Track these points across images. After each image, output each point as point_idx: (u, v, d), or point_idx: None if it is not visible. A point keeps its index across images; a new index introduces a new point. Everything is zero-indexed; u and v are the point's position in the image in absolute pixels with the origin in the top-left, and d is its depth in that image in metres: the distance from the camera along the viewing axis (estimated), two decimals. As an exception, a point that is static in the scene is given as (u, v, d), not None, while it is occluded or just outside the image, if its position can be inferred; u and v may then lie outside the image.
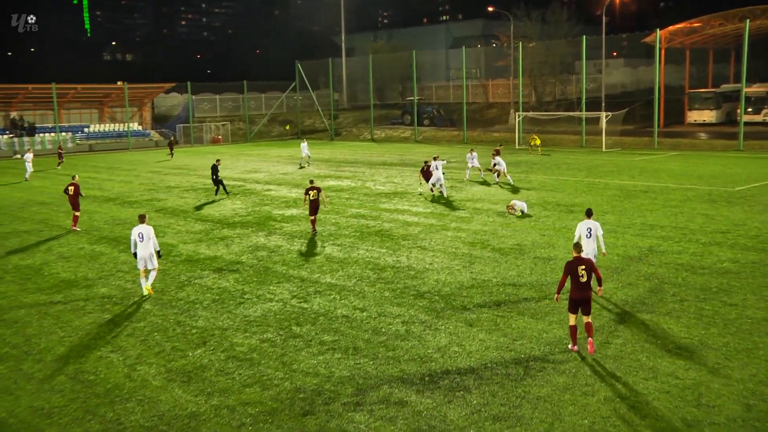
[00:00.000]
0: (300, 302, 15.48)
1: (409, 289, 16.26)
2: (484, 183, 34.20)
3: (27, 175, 41.41)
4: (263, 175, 40.84)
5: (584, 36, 55.99)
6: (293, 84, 79.84)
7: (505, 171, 33.17)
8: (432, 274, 17.46)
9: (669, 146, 51.51)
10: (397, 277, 17.28)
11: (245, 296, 16.05)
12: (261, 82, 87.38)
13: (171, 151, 56.24)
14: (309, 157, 46.38)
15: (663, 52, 58.03)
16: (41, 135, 65.58)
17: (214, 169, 32.81)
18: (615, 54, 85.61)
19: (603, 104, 59.40)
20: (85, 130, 69.23)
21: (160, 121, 78.79)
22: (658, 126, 53.61)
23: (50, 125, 67.57)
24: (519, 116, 57.81)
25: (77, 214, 24.92)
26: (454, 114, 77.13)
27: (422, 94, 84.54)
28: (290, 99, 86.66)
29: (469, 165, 36.25)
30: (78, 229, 24.77)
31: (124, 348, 13.00)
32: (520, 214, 24.94)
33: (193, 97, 76.55)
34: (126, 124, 70.21)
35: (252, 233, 23.47)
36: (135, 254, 16.02)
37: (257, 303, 15.50)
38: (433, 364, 11.85)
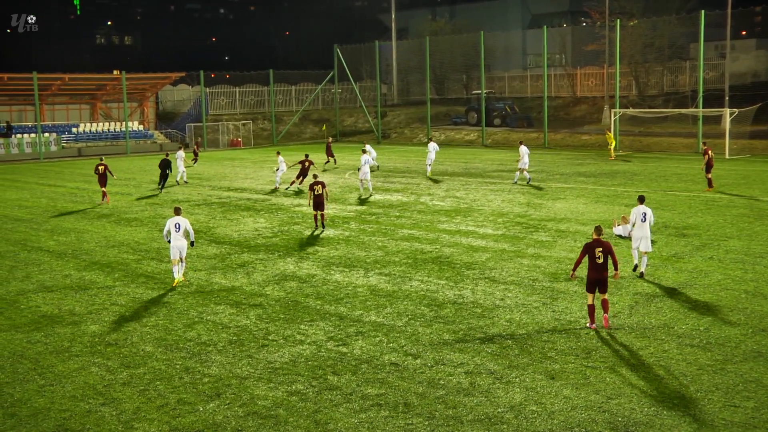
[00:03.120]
0: (338, 345, 15.59)
1: (475, 330, 16.23)
2: (564, 198, 34.00)
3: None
4: (294, 187, 41.29)
5: (703, 11, 55.30)
6: (331, 74, 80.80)
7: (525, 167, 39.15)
8: (503, 313, 17.40)
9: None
10: (459, 316, 17.28)
11: (269, 337, 16.24)
12: (291, 72, 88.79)
13: (195, 156, 57.68)
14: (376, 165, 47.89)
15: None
16: (18, 136, 67.22)
17: (167, 164, 40.62)
18: (744, 33, 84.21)
19: (726, 98, 58.44)
20: (73, 130, 71.21)
21: (165, 119, 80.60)
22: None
23: (30, 124, 69.64)
24: (616, 114, 57.32)
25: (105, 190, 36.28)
26: (532, 111, 76.90)
27: (492, 86, 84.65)
28: (327, 92, 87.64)
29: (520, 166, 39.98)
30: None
31: (119, 400, 13.27)
32: (624, 236, 24.68)
33: (207, 89, 78.06)
34: (124, 123, 71.91)
35: (279, 259, 23.74)
36: (169, 241, 20.67)
37: (284, 346, 15.67)
38: (505, 426, 11.80)
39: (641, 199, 20.56)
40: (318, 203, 27.74)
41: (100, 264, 23.75)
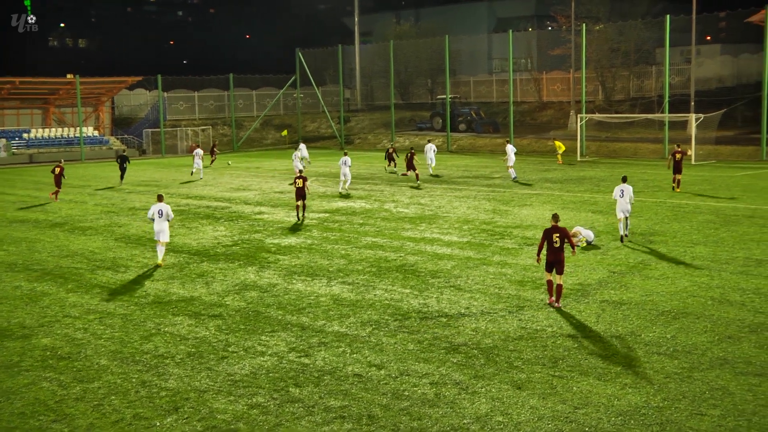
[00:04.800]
0: (300, 357, 15.53)
1: (440, 340, 16.26)
2: (530, 205, 34.23)
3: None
4: (254, 194, 41.17)
5: (668, 15, 56.15)
6: (293, 78, 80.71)
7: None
8: (469, 322, 17.46)
9: (781, 158, 51.28)
10: (424, 326, 17.30)
11: (229, 349, 16.14)
12: (252, 76, 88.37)
13: (213, 157, 60.12)
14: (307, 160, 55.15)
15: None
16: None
17: (124, 159, 47.24)
18: (709, 38, 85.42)
19: (692, 104, 59.29)
20: (25, 135, 70.38)
21: (122, 124, 79.91)
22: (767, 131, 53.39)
23: (-22, 130, 68.75)
24: (582, 119, 57.87)
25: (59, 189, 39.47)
26: (498, 116, 77.37)
27: (457, 91, 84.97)
28: (289, 97, 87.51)
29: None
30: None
31: (72, 416, 13.09)
32: (585, 244, 24.92)
33: (165, 94, 77.58)
34: (78, 128, 71.21)
35: (239, 268, 23.62)
36: (152, 220, 24.16)
37: (245, 358, 15.58)
38: (471, 437, 11.81)
39: (624, 179, 26.12)
40: (299, 195, 31.73)
41: (52, 274, 23.45)
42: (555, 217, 18.72)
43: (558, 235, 18.31)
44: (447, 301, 19.26)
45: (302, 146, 56.03)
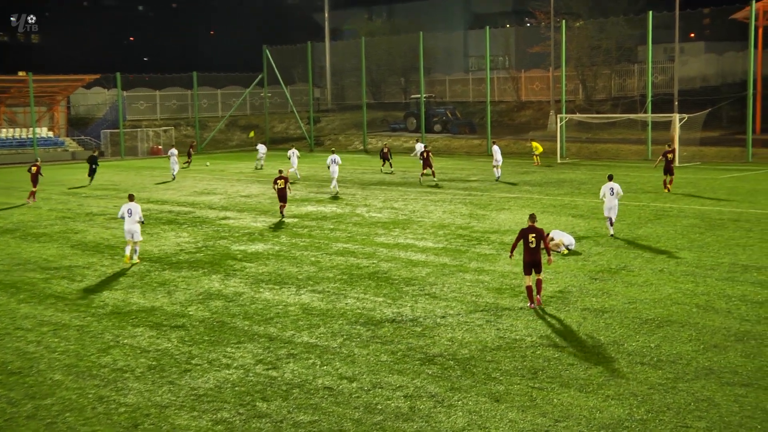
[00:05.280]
0: (267, 369, 15.46)
1: (414, 351, 16.25)
2: (508, 209, 34.36)
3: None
4: (219, 199, 41.00)
5: (650, 12, 56.59)
6: (260, 76, 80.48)
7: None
8: (445, 331, 17.47)
9: (769, 159, 51.80)
10: (397, 336, 17.28)
11: (193, 362, 16.03)
12: (216, 74, 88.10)
13: (189, 158, 60.59)
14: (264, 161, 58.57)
15: (761, 31, 58.37)
16: None
17: (93, 160, 49.51)
18: (693, 35, 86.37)
19: (676, 103, 59.84)
20: (-28, 137, 69.57)
21: (78, 125, 79.20)
22: (753, 132, 53.90)
23: None
24: (562, 119, 58.21)
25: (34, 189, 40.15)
26: (474, 117, 77.66)
27: (432, 90, 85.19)
28: (256, 96, 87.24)
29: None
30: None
31: (27, 432, 12.94)
32: (567, 252, 25.01)
33: (125, 93, 77.10)
34: (31, 129, 70.51)
35: (203, 276, 23.50)
36: (122, 217, 25.28)
37: (209, 371, 15.48)
38: (447, 453, 11.80)
39: (610, 177, 27.87)
40: (281, 196, 33.40)
41: (2, 284, 23.18)
42: (532, 217, 19.37)
43: (534, 235, 18.90)
44: (422, 309, 19.26)
45: (261, 146, 59.77)
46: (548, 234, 25.77)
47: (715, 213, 32.01)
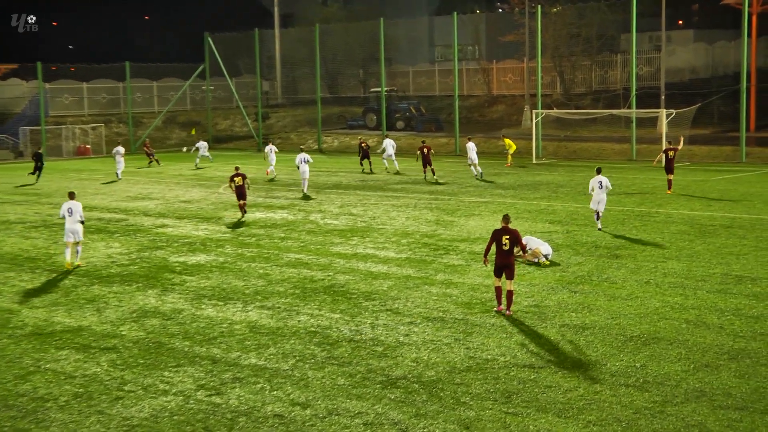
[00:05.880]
0: (210, 395, 15.36)
1: (375, 373, 16.23)
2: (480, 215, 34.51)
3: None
4: (155, 204, 40.71)
5: (634, -4, 57.08)
6: (201, 67, 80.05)
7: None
8: (409, 351, 17.46)
9: (765, 159, 52.42)
10: (356, 356, 17.26)
11: (125, 388, 15.88)
12: (152, 65, 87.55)
13: (150, 157, 61.82)
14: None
15: (754, 19, 59.06)
16: None
17: (38, 157, 51.64)
18: (681, 23, 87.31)
19: (663, 97, 60.47)
20: None
21: (-7, 121, 78.26)
22: (747, 130, 54.50)
23: None
24: (538, 115, 58.50)
25: None
26: (441, 112, 77.91)
27: (394, 83, 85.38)
28: (197, 90, 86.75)
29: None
30: None
31: (-64, 469, 12.74)
32: (548, 263, 25.09)
33: (47, 85, 76.25)
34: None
35: (137, 291, 23.30)
36: (63, 217, 26.08)
37: (144, 398, 15.34)
38: (412, 487, 11.80)
39: (598, 171, 30.66)
40: (239, 194, 34.82)
41: None
42: (505, 218, 20.02)
43: (508, 237, 19.58)
44: (383, 327, 19.25)
45: (202, 144, 61.50)
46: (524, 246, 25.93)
47: (705, 218, 32.36)
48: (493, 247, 19.87)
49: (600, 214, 29.94)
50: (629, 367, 16.16)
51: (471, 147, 48.05)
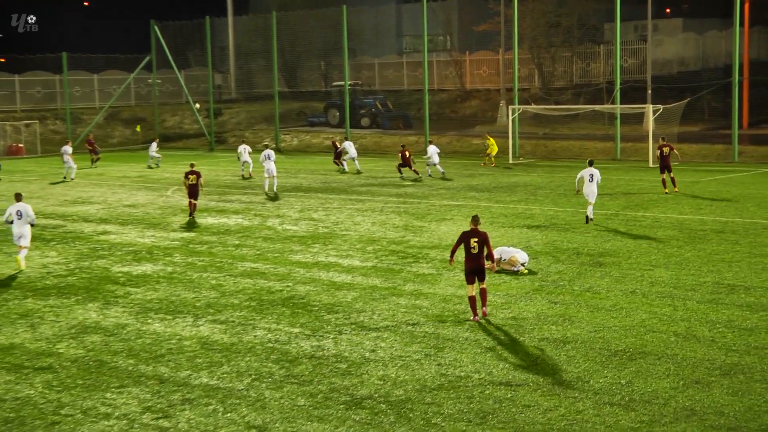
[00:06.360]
0: (157, 419, 15.27)
1: (338, 393, 16.21)
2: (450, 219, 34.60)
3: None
4: (96, 209, 40.48)
5: (618, -17, 57.48)
6: (146, 59, 79.71)
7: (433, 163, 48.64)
8: (375, 368, 17.46)
9: (758, 158, 52.89)
10: (318, 374, 17.22)
11: (62, 412, 15.75)
12: (93, 56, 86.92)
13: (95, 155, 62.58)
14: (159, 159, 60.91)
15: (747, 6, 59.51)
16: None
17: None
18: (668, 11, 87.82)
19: (649, 92, 60.88)
20: None
21: None
22: (740, 126, 54.90)
23: None
24: (514, 112, 58.70)
25: None
26: (410, 108, 77.98)
27: (359, 76, 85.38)
28: (142, 83, 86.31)
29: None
30: None
31: None
32: (527, 271, 25.16)
33: (-25, 79, 75.54)
34: None
35: (76, 305, 23.14)
36: (9, 222, 26.99)
37: (83, 422, 15.23)
38: None
39: (590, 163, 33.77)
40: (192, 192, 35.78)
41: None
42: (475, 220, 20.67)
43: (477, 240, 20.26)
44: (347, 342, 19.23)
45: (153, 145, 62.29)
46: (498, 256, 25.92)
47: (695, 222, 32.60)
48: (463, 252, 20.40)
49: (591, 203, 32.36)
50: (614, 384, 16.23)
51: (432, 151, 49.06)
